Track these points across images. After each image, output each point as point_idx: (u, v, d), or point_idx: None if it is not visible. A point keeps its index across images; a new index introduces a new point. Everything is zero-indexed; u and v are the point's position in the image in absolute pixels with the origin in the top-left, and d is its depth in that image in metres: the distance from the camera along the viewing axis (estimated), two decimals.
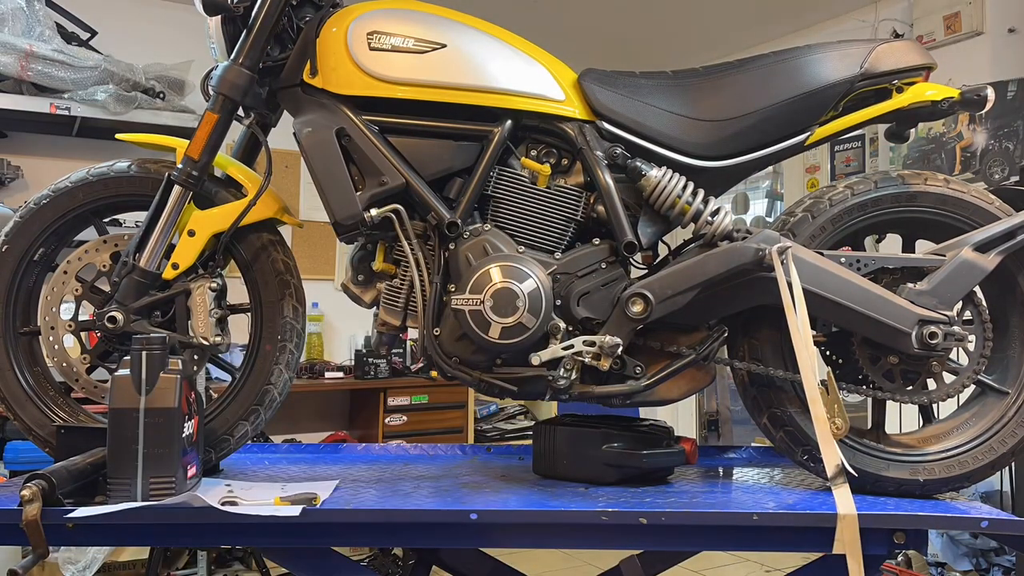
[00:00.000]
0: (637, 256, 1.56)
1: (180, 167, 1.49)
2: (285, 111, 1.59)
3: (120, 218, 2.06)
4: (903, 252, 1.55)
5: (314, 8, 1.55)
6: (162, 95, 3.72)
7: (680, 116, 1.53)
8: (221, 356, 1.61)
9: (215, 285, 1.52)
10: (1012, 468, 2.86)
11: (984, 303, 1.51)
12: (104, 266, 1.55)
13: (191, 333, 1.51)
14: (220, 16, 1.52)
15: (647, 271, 1.56)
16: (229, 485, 1.49)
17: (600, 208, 1.51)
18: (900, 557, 3.29)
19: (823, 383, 1.39)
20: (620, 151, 1.52)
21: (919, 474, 1.47)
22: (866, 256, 1.49)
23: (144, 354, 1.30)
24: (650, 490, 1.51)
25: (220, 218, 1.52)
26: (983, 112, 1.98)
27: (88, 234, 1.59)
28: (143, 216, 1.51)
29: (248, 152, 1.64)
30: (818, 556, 1.42)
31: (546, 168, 1.51)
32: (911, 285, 1.47)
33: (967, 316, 1.50)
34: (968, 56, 3.78)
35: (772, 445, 1.56)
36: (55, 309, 1.53)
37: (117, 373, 1.32)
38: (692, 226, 1.49)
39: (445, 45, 1.49)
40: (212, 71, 1.52)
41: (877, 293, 1.44)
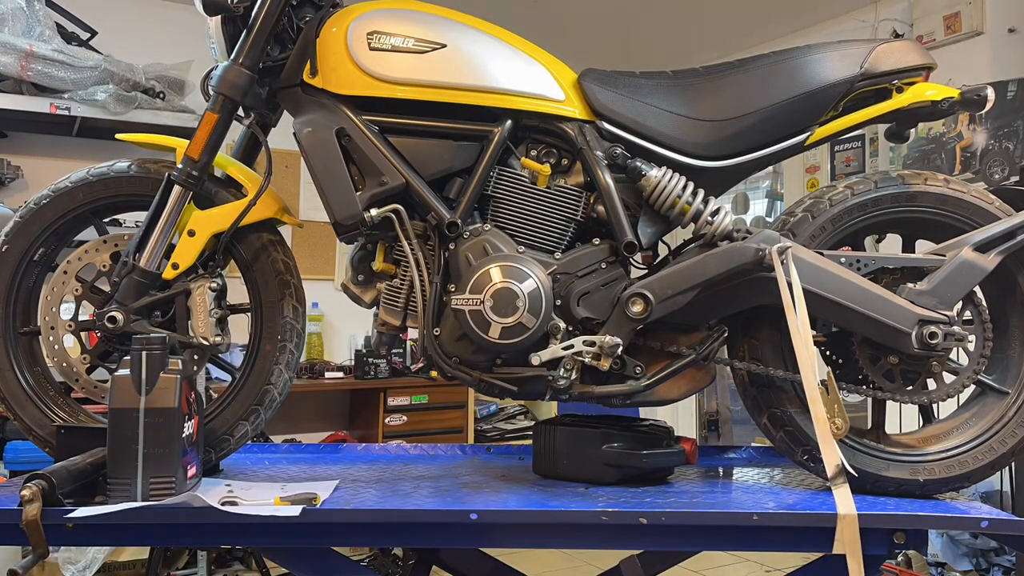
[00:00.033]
0: (637, 256, 1.56)
1: (180, 167, 1.50)
2: (285, 111, 1.59)
3: (120, 218, 2.06)
4: (903, 252, 1.55)
5: (314, 8, 1.55)
6: (162, 95, 3.72)
7: (680, 116, 1.53)
8: (221, 356, 1.61)
9: (215, 285, 1.52)
10: (1012, 468, 2.86)
11: (984, 303, 1.51)
12: (104, 266, 1.55)
13: (191, 333, 1.51)
14: (220, 16, 1.52)
15: (647, 271, 1.56)
16: (229, 485, 1.49)
17: (600, 208, 1.51)
18: (900, 557, 3.29)
19: (823, 383, 1.39)
20: (620, 151, 1.52)
21: (919, 474, 1.47)
22: (866, 256, 1.49)
23: (144, 354, 1.31)
24: (650, 490, 1.51)
25: (220, 218, 1.52)
26: (983, 112, 1.98)
27: (88, 234, 1.59)
28: (143, 216, 1.51)
29: (248, 152, 1.64)
30: (818, 556, 1.42)
31: (546, 168, 1.51)
32: (911, 285, 1.47)
33: (967, 316, 1.50)
34: (968, 56, 3.78)
35: (772, 445, 1.56)
36: (55, 309, 1.53)
37: (117, 373, 1.32)
38: (692, 226, 1.49)
39: (445, 45, 1.49)
40: (212, 71, 1.52)
41: (877, 293, 1.44)
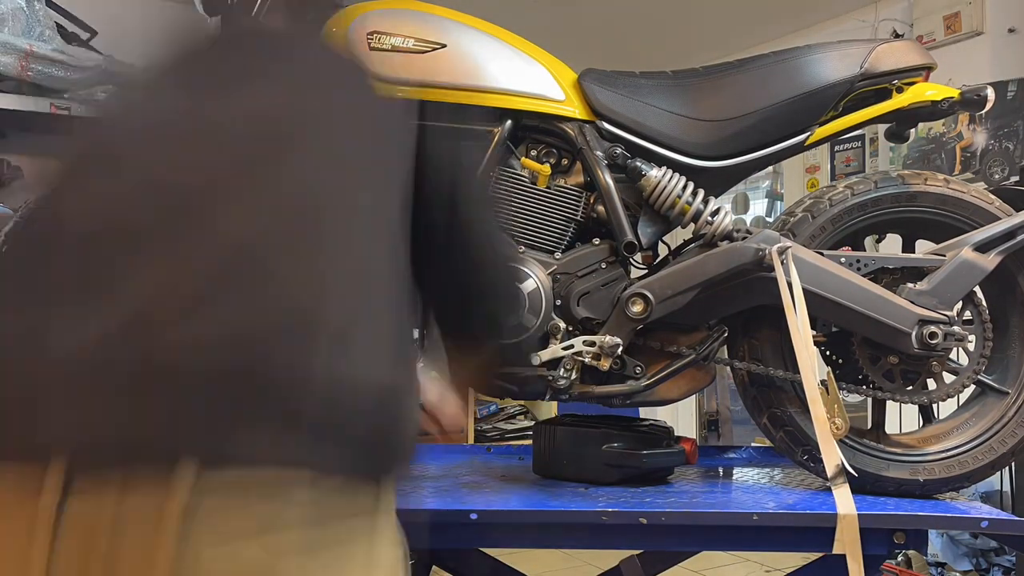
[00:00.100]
0: (637, 256, 1.56)
1: None
2: None
3: None
4: (903, 252, 1.55)
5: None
6: None
7: (680, 116, 1.53)
8: None
9: None
10: (1012, 468, 2.86)
11: (984, 303, 1.51)
12: None
13: None
14: (220, 16, 1.52)
15: (647, 271, 1.56)
16: None
17: (600, 208, 1.51)
18: (900, 557, 3.29)
19: (823, 383, 1.39)
20: (620, 151, 1.52)
21: (919, 474, 1.47)
22: (866, 256, 1.49)
23: None
24: (650, 490, 1.51)
25: None
26: (983, 112, 1.98)
27: None
28: None
29: None
30: (818, 556, 1.42)
31: (546, 168, 1.51)
32: (911, 285, 1.47)
33: (967, 316, 1.50)
34: (968, 56, 3.78)
35: (772, 445, 1.56)
36: None
37: None
38: (692, 226, 1.49)
39: (445, 45, 1.49)
40: None
41: (877, 293, 1.44)
